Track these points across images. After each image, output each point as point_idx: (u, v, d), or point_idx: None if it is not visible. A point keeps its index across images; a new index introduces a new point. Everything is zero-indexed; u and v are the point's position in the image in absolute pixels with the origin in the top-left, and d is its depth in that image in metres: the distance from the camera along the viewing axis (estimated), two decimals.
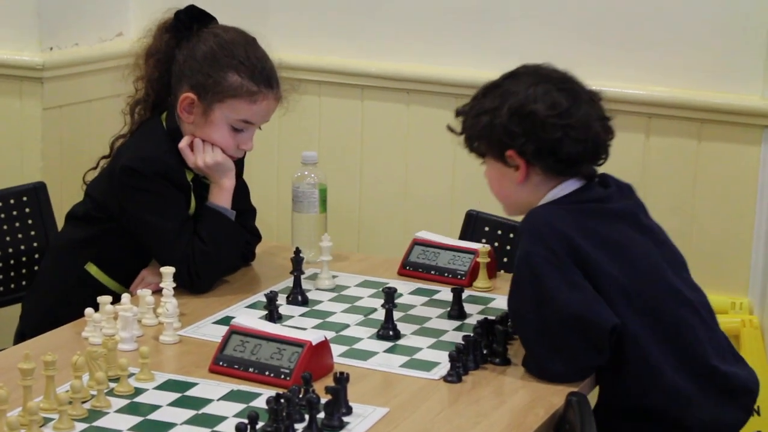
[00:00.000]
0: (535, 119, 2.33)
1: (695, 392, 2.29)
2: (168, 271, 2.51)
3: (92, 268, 2.72)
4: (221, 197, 2.69)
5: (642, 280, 2.31)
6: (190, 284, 2.63)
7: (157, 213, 2.63)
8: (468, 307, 2.58)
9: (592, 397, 2.30)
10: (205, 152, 2.66)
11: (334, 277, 2.76)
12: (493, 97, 2.38)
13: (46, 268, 2.84)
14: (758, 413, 3.23)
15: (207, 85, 2.64)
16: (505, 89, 2.38)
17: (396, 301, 2.46)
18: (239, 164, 2.84)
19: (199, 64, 2.66)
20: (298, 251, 2.66)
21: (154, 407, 2.09)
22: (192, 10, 2.73)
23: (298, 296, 2.62)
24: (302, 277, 2.64)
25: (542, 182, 2.38)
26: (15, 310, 3.36)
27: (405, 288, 2.72)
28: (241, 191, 2.81)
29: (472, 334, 2.32)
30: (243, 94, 2.64)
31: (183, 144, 2.67)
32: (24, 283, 3.09)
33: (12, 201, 3.09)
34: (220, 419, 2.05)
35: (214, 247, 2.64)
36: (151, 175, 2.63)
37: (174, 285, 2.48)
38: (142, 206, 2.64)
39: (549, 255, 2.26)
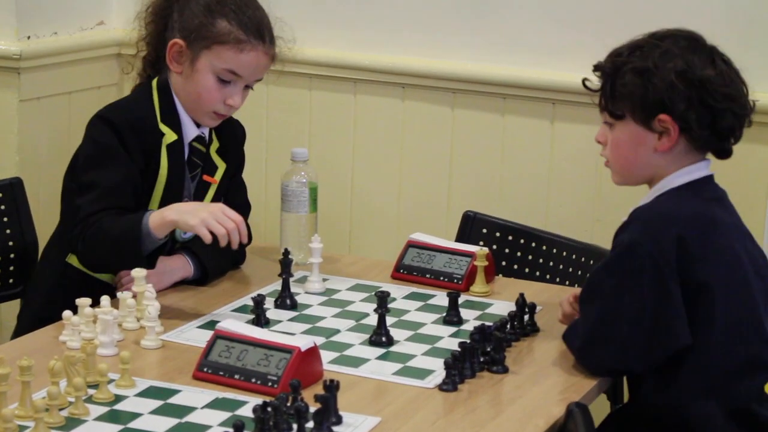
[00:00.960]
0: (706, 86, 2.32)
1: (723, 422, 2.29)
2: (140, 274, 2.51)
3: (73, 260, 2.72)
4: (158, 222, 2.54)
5: (734, 305, 2.30)
6: (74, 245, 2.64)
7: (91, 168, 2.65)
8: (464, 313, 2.59)
9: (597, 408, 2.31)
10: (212, 212, 2.53)
11: (324, 280, 2.76)
12: (647, 55, 2.36)
13: (37, 270, 2.87)
14: None
15: (194, 28, 2.69)
16: (665, 49, 2.35)
17: (389, 305, 2.47)
18: (238, 160, 2.87)
19: (191, 12, 2.70)
20: (287, 253, 2.66)
21: (135, 415, 2.09)
22: None
23: (286, 300, 2.63)
24: (291, 280, 2.65)
25: (682, 153, 2.37)
26: None
27: (399, 292, 2.73)
28: (238, 186, 2.86)
29: (468, 341, 2.33)
30: (230, 41, 2.68)
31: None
32: None
33: None
34: (204, 428, 2.06)
35: (106, 243, 2.58)
36: (119, 124, 2.65)
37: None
38: (85, 161, 2.66)
39: (656, 253, 2.26)
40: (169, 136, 2.71)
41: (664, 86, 2.32)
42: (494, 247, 3.07)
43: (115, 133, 2.66)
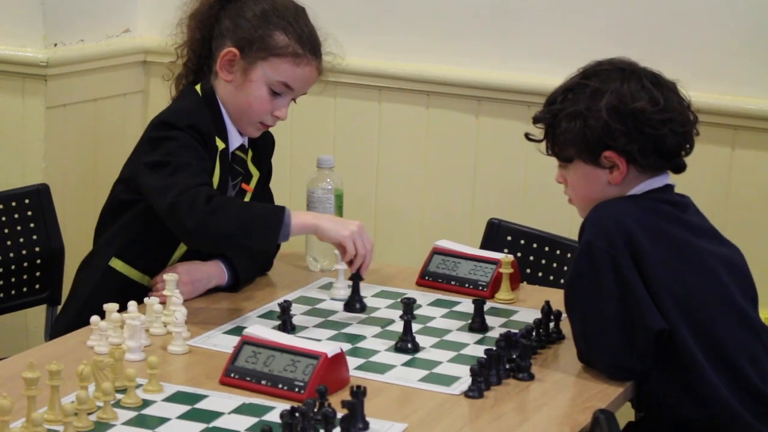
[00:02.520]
0: (639, 117, 2.38)
1: (741, 410, 2.32)
2: (171, 278, 2.53)
3: (117, 263, 2.73)
4: (298, 221, 2.54)
5: (697, 289, 2.36)
6: (171, 216, 2.52)
7: (178, 155, 2.60)
8: (490, 320, 2.59)
9: (623, 415, 2.31)
10: (359, 229, 2.57)
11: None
12: (580, 98, 2.41)
13: (76, 278, 2.84)
14: None
15: (253, 40, 2.69)
16: (594, 88, 2.41)
17: (414, 312, 2.48)
18: (268, 169, 2.89)
19: (247, 22, 2.70)
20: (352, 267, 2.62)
21: (163, 420, 2.11)
22: None
23: (356, 304, 2.63)
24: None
25: (635, 179, 2.43)
26: (20, 317, 3.40)
27: (424, 299, 2.73)
28: (266, 197, 2.87)
29: (494, 348, 2.34)
30: (288, 55, 2.69)
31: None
32: (25, 289, 3.12)
33: (14, 204, 3.12)
34: None
35: (241, 216, 2.52)
36: (184, 126, 2.63)
37: (180, 292, 2.51)
38: (164, 151, 2.61)
39: (609, 248, 2.33)
40: (219, 144, 2.73)
41: (600, 126, 2.38)
42: (519, 254, 3.07)
43: (182, 133, 2.64)
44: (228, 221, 2.50)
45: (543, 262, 3.10)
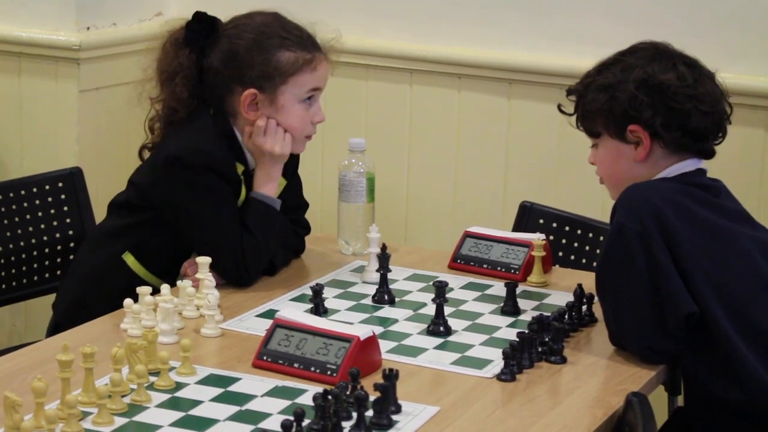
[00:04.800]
0: (665, 90, 2.40)
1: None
2: (204, 261, 2.54)
3: (129, 258, 2.74)
4: (269, 187, 2.72)
5: (731, 270, 2.36)
6: (237, 278, 2.66)
7: (209, 204, 2.65)
8: (522, 303, 2.59)
9: (656, 399, 2.30)
10: (276, 138, 2.69)
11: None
12: (612, 72, 2.45)
13: (81, 256, 2.85)
14: None
15: (265, 74, 2.67)
16: (627, 63, 2.44)
17: (447, 295, 2.47)
18: (294, 159, 2.86)
19: (244, 59, 2.68)
20: (384, 248, 2.64)
21: (196, 402, 2.12)
22: (199, 15, 2.74)
23: (384, 295, 2.62)
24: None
25: (661, 158, 2.45)
26: (51, 300, 3.40)
27: (456, 282, 2.73)
28: (295, 185, 2.86)
29: (527, 331, 2.33)
30: (302, 66, 2.69)
31: (260, 122, 2.69)
32: (59, 272, 3.13)
33: (47, 187, 3.14)
34: (265, 416, 2.07)
35: (262, 238, 2.67)
36: (198, 167, 2.64)
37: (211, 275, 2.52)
38: (193, 197, 2.65)
39: (641, 230, 2.33)
40: (239, 167, 2.72)
41: (627, 98, 2.41)
42: (551, 237, 3.06)
43: (198, 174, 2.65)
44: (267, 257, 2.70)
45: (575, 245, 3.09)
